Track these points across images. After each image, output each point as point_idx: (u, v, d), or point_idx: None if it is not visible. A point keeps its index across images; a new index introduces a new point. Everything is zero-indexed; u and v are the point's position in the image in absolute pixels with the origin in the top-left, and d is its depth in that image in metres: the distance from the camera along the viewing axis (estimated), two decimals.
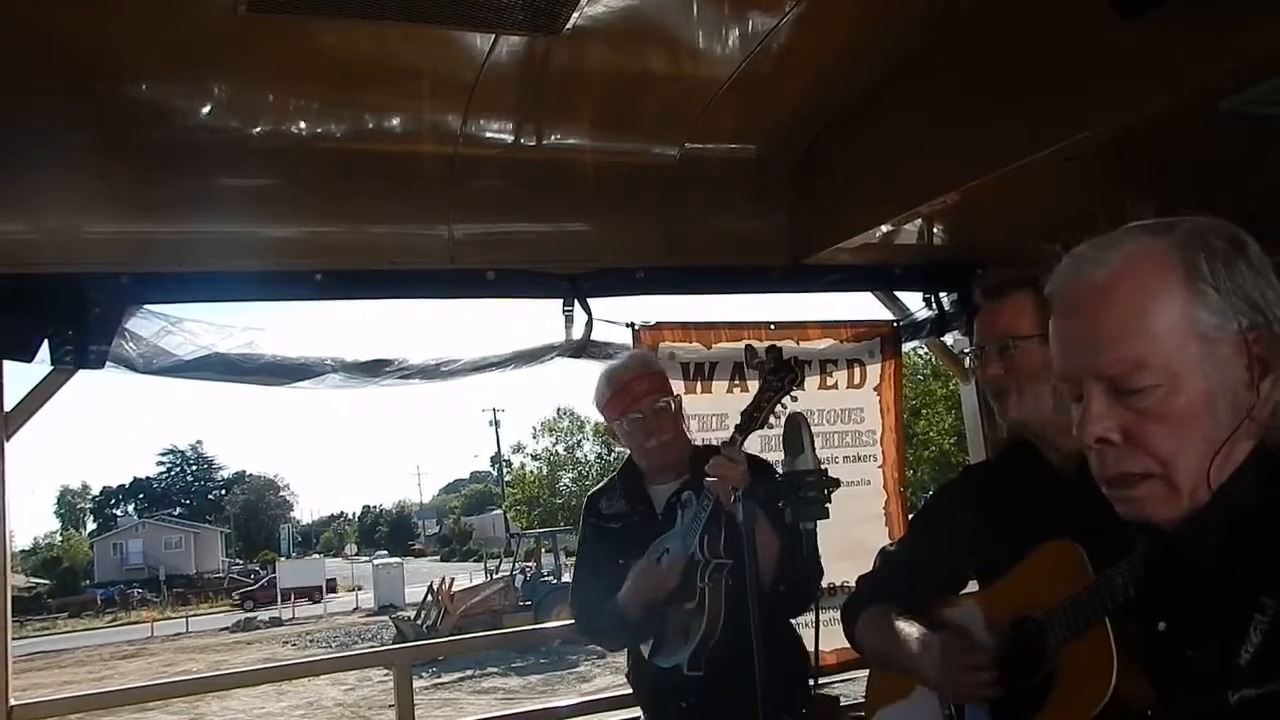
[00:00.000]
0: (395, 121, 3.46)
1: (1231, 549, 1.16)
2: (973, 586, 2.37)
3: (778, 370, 2.66)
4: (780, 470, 2.80)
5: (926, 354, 12.94)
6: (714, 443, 3.92)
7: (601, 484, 3.36)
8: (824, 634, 2.58)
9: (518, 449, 48.66)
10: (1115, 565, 1.78)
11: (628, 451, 3.22)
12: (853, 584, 2.61)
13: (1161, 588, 1.32)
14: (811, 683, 2.93)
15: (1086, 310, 1.21)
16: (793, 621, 3.03)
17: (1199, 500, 1.17)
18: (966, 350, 2.32)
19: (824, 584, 3.89)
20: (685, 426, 3.22)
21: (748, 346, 2.94)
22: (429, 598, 26.31)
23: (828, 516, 2.22)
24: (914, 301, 4.54)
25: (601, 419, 3.27)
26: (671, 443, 3.07)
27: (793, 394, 2.65)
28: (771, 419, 2.65)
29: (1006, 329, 2.16)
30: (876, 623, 2.36)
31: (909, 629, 2.25)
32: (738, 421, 2.74)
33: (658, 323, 4.13)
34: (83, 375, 3.34)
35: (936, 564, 2.37)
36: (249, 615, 37.88)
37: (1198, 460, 1.16)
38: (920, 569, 2.41)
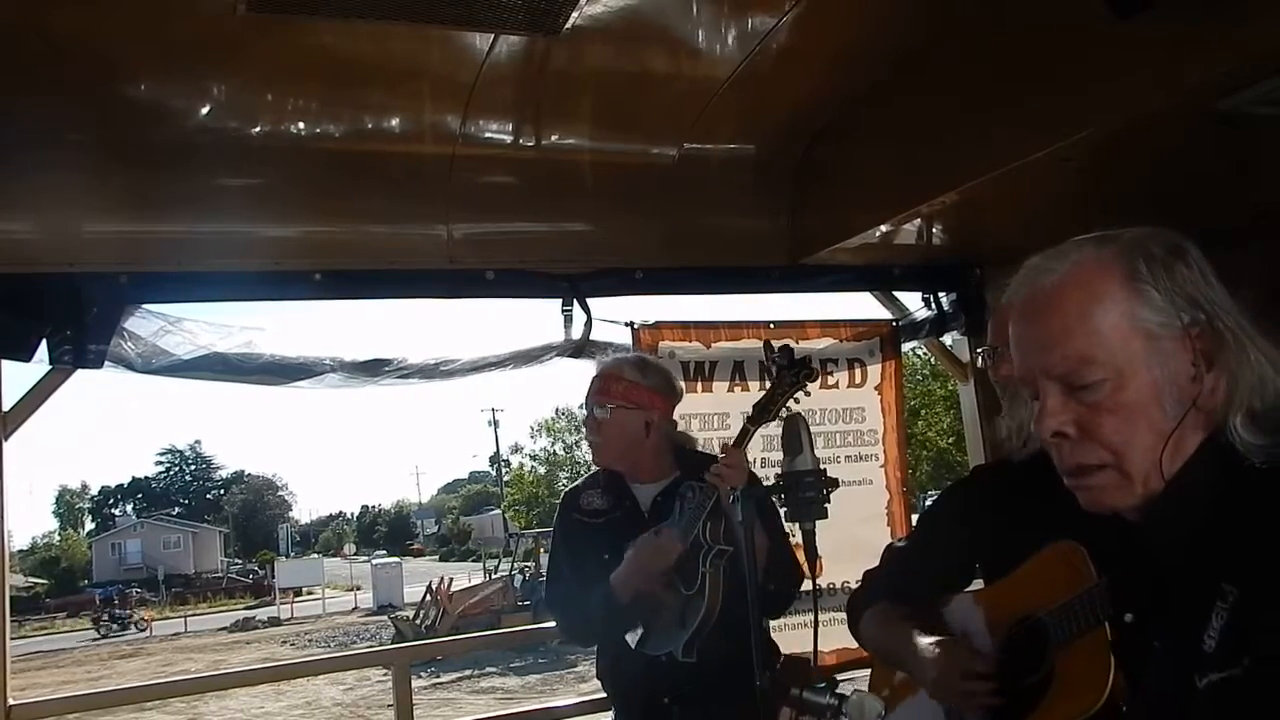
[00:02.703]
0: (394, 121, 3.47)
1: (1190, 538, 1.23)
2: (978, 585, 2.38)
3: (792, 366, 2.70)
4: (779, 470, 2.80)
5: (925, 354, 12.96)
6: (715, 442, 3.94)
7: (579, 481, 3.35)
8: (823, 634, 2.57)
9: (516, 449, 48.80)
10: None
11: None
12: (854, 584, 2.61)
13: (1126, 581, 1.37)
14: (804, 657, 2.96)
15: (1037, 314, 1.30)
16: (789, 622, 3.05)
17: (1152, 488, 1.24)
18: (980, 349, 2.33)
19: (825, 584, 3.91)
20: (649, 437, 3.09)
21: (766, 343, 2.97)
22: (427, 597, 26.32)
23: (826, 516, 2.22)
24: (913, 301, 4.55)
25: None
26: (599, 446, 3.11)
27: (806, 389, 2.68)
28: (783, 412, 2.68)
29: None
30: (881, 621, 2.38)
31: (912, 633, 2.25)
32: (749, 413, 2.77)
33: (657, 322, 4.14)
34: (81, 375, 3.34)
35: (943, 561, 2.38)
36: (247, 615, 37.82)
37: (1147, 450, 1.24)
38: (927, 566, 2.42)
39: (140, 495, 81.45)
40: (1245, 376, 1.22)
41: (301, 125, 3.36)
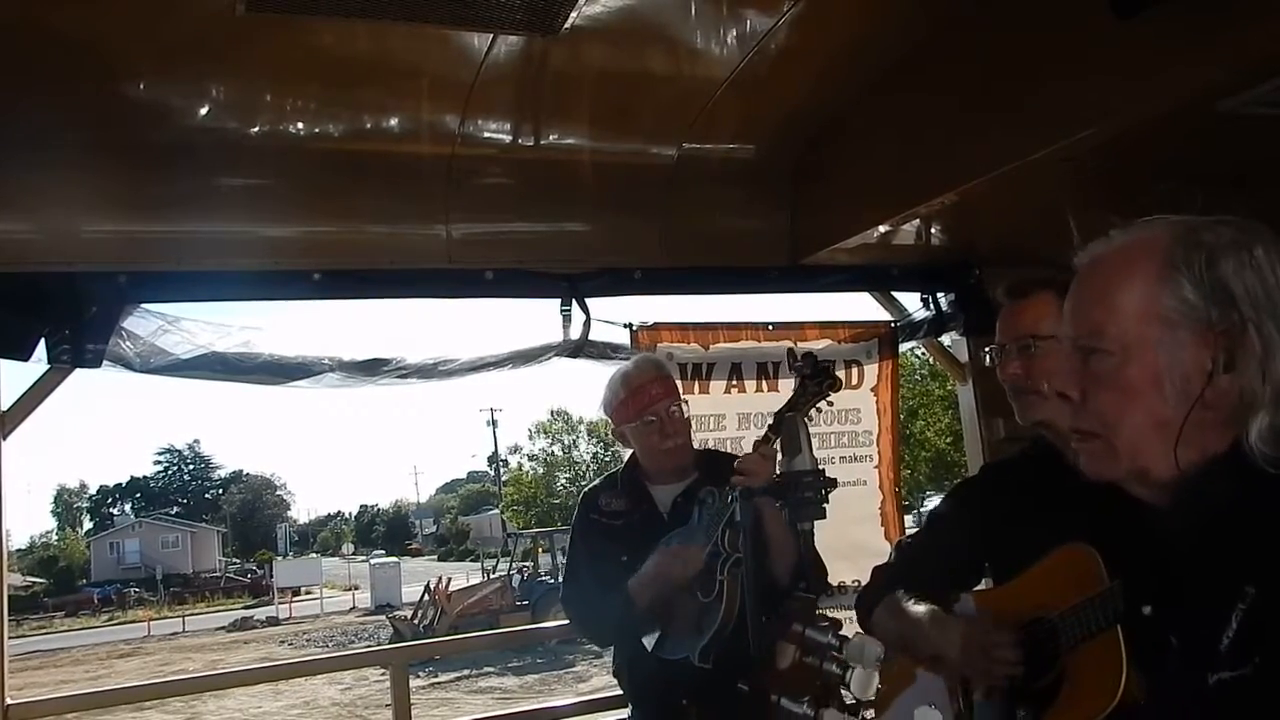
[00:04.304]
0: (393, 121, 3.46)
1: (1214, 536, 1.22)
2: (986, 584, 2.38)
3: (815, 375, 2.68)
4: (778, 470, 2.80)
5: (924, 354, 12.96)
6: (711, 442, 3.94)
7: (598, 481, 3.35)
8: None
9: (514, 450, 48.84)
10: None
11: (628, 453, 3.22)
12: (850, 584, 2.62)
13: (1146, 572, 1.37)
14: (810, 596, 2.96)
15: (1080, 280, 1.35)
16: None
17: (1142, 466, 1.26)
18: (988, 348, 2.33)
19: None
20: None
21: (789, 350, 2.98)
22: (426, 597, 26.30)
23: (825, 516, 2.22)
24: (911, 302, 4.55)
25: (602, 419, 3.28)
26: (684, 445, 3.11)
27: (829, 398, 2.67)
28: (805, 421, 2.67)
29: (1028, 329, 2.17)
30: (896, 610, 2.37)
31: (927, 612, 2.25)
32: (770, 421, 2.77)
33: (655, 323, 4.14)
34: (80, 374, 3.33)
35: (951, 560, 2.38)
36: (245, 614, 37.81)
37: (1138, 430, 1.26)
38: (935, 564, 2.42)
39: (138, 495, 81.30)
40: (1270, 385, 1.20)
41: (300, 125, 3.36)
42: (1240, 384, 1.21)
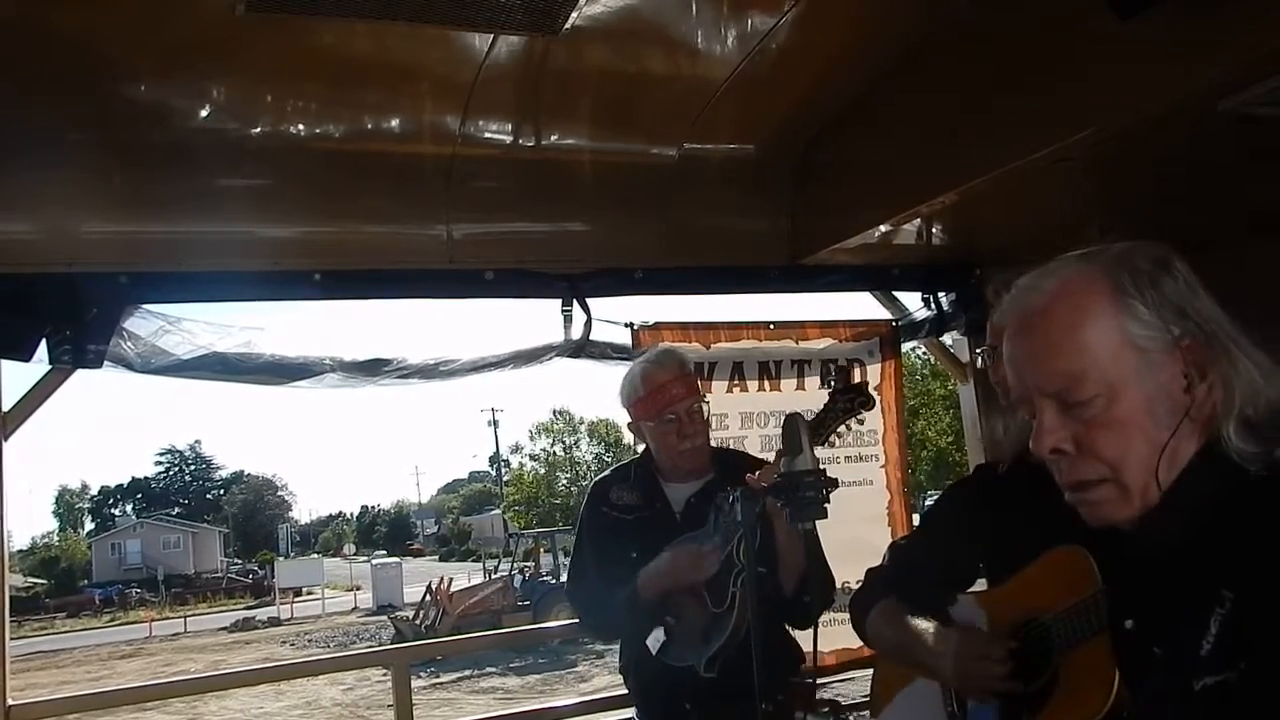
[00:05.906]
0: (394, 121, 3.46)
1: (1189, 545, 1.24)
2: (980, 585, 2.38)
3: (847, 391, 2.64)
4: (779, 470, 2.79)
5: (924, 354, 12.94)
6: (714, 442, 3.93)
7: (608, 472, 3.31)
8: (823, 634, 2.56)
9: (516, 449, 48.93)
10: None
11: (637, 450, 3.20)
12: (855, 586, 2.61)
13: (1125, 587, 1.38)
14: (809, 681, 2.94)
15: (1028, 332, 1.32)
16: None
17: (1150, 499, 1.25)
18: (980, 349, 2.33)
19: None
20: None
21: (824, 363, 2.93)
22: (427, 597, 26.31)
23: (826, 516, 2.21)
24: (912, 302, 4.55)
25: (604, 419, 3.25)
26: (702, 446, 3.06)
27: (860, 416, 2.64)
28: (834, 438, 2.65)
29: None
30: (887, 616, 2.37)
31: (921, 623, 2.26)
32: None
33: (656, 323, 4.13)
34: (81, 375, 3.34)
35: (945, 561, 2.38)
36: (247, 615, 37.82)
37: (1143, 462, 1.25)
38: (929, 565, 2.42)
39: (140, 495, 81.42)
40: (1237, 386, 1.23)
41: (301, 125, 3.36)
42: (1216, 389, 1.23)
